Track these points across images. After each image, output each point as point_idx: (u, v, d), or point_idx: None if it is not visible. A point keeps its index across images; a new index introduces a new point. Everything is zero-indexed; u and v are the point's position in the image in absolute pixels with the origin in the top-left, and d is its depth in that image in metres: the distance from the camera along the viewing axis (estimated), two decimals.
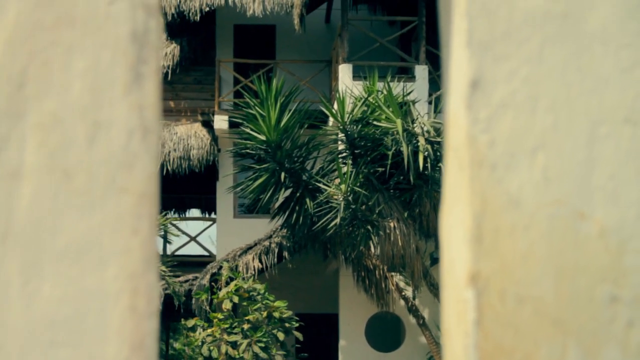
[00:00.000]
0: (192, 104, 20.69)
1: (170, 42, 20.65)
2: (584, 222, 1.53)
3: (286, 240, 17.47)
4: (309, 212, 16.58)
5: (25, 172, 1.37)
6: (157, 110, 1.43)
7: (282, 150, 16.39)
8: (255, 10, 19.28)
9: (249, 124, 16.47)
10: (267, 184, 16.44)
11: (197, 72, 20.87)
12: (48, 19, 1.40)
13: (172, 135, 19.76)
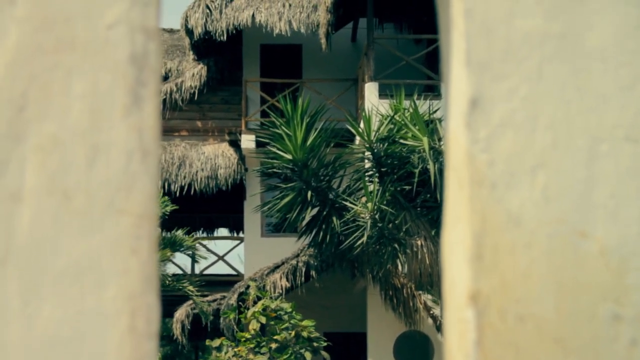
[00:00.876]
0: (220, 124, 20.78)
1: (197, 63, 20.78)
2: (585, 240, 1.52)
3: (313, 259, 17.47)
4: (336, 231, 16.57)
5: (25, 194, 1.39)
6: (156, 132, 1.44)
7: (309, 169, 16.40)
8: (281, 29, 19.37)
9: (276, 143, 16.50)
10: (294, 203, 16.44)
11: (224, 92, 20.97)
12: (48, 43, 1.42)
13: (199, 155, 19.86)
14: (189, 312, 17.96)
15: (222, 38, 19.76)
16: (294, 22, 19.39)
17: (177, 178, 19.41)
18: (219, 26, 19.61)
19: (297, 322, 15.49)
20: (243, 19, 19.60)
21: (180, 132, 20.77)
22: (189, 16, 19.92)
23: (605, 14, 1.56)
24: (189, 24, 19.94)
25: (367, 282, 17.93)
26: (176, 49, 22.65)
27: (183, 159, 19.76)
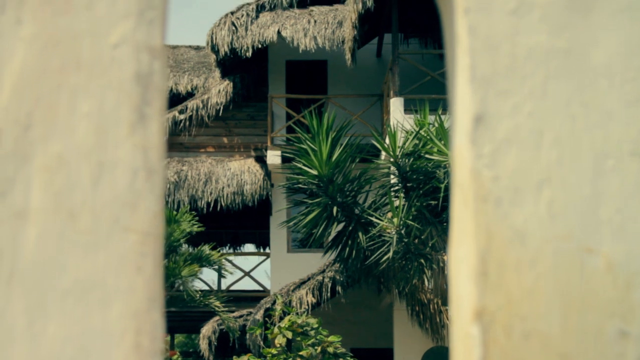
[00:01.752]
0: (245, 140, 20.84)
1: (223, 80, 20.85)
2: (591, 256, 1.52)
3: (339, 275, 17.45)
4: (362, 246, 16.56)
5: (31, 213, 1.40)
6: (161, 151, 1.45)
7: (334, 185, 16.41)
8: (307, 46, 19.41)
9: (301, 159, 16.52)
10: (320, 218, 16.44)
11: (249, 108, 21.04)
12: (54, 64, 1.44)
13: (225, 171, 19.91)
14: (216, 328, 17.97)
15: (248, 54, 19.82)
16: (319, 38, 19.42)
17: (204, 194, 19.45)
18: (245, 43, 19.68)
19: (324, 337, 15.48)
20: (268, 35, 19.66)
21: (207, 148, 20.84)
22: (214, 33, 20.00)
23: (610, 30, 1.56)
24: (215, 41, 20.02)
25: (393, 297, 17.88)
26: (202, 66, 22.76)
27: (209, 175, 19.81)
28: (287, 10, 20.19)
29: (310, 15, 20.06)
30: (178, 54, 23.65)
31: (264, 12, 20.29)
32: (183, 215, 16.18)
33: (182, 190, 19.55)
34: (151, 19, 1.46)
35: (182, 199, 19.38)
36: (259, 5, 20.31)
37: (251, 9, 20.23)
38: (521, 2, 1.55)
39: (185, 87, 22.26)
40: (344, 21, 19.68)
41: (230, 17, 20.30)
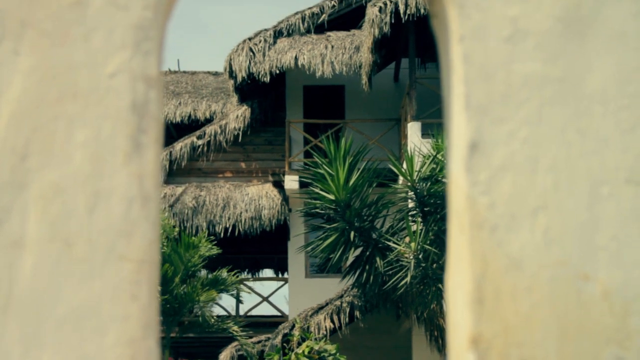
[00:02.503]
0: (263, 165, 20.88)
1: (241, 105, 20.93)
2: (587, 283, 1.52)
3: (357, 300, 17.40)
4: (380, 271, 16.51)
5: (27, 242, 1.41)
6: (156, 179, 1.47)
7: (352, 209, 16.39)
8: (324, 71, 19.46)
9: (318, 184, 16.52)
10: (337, 243, 16.42)
11: (267, 133, 21.09)
12: (51, 94, 1.45)
13: (243, 196, 19.94)
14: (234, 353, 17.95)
15: (266, 80, 19.89)
16: (336, 63, 19.47)
17: (222, 219, 19.48)
18: (262, 68, 19.76)
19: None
20: (286, 61, 19.73)
21: (225, 173, 20.88)
22: (232, 59, 20.09)
23: (605, 58, 1.56)
24: (233, 67, 20.10)
25: (412, 322, 17.81)
26: (220, 92, 22.84)
27: (227, 200, 19.85)
28: (305, 36, 20.27)
29: (328, 40, 20.13)
30: (196, 79, 23.76)
31: (281, 38, 20.38)
32: (201, 240, 16.19)
33: (200, 215, 19.59)
34: (147, 50, 1.48)
35: (200, 224, 19.41)
36: (276, 31, 20.39)
37: (269, 35, 20.31)
38: (516, 30, 1.56)
39: (204, 112, 22.35)
40: (361, 46, 19.73)
41: (248, 43, 20.39)
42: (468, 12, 1.55)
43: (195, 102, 22.51)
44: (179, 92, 22.94)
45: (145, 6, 1.48)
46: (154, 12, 1.49)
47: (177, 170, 20.48)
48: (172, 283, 15.45)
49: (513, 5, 1.56)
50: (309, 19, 20.21)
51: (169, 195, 19.64)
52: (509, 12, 1.56)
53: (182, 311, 16.09)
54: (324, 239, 16.39)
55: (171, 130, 22.82)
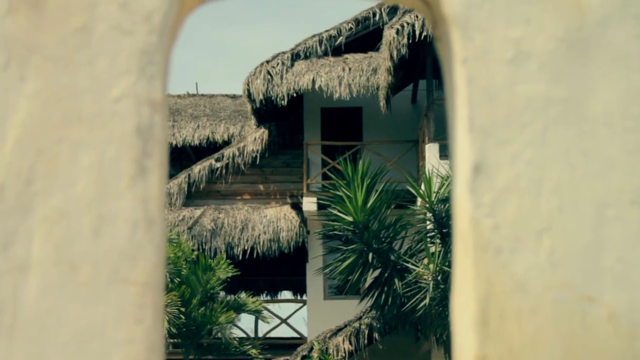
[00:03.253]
0: (281, 187, 20.92)
1: (259, 127, 20.99)
2: (593, 305, 1.51)
3: (376, 322, 17.35)
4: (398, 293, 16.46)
5: (32, 265, 1.42)
6: (161, 202, 1.47)
7: (370, 231, 16.36)
8: (341, 93, 19.50)
9: (336, 206, 16.50)
10: (355, 265, 16.38)
11: (285, 156, 21.14)
12: (56, 118, 1.46)
13: (262, 218, 19.96)
14: None
15: (283, 103, 19.95)
16: (353, 85, 19.51)
17: (240, 241, 19.49)
18: (280, 91, 19.81)
19: None
20: (303, 83, 19.78)
21: (243, 195, 20.92)
22: (250, 82, 20.16)
23: (609, 79, 1.56)
24: (250, 90, 20.17)
25: (431, 344, 17.73)
26: (238, 114, 22.91)
27: (245, 222, 19.87)
28: (322, 59, 20.31)
29: (345, 63, 20.16)
30: (215, 102, 23.85)
31: (299, 61, 20.43)
32: (219, 263, 16.21)
33: (218, 237, 19.60)
34: (152, 74, 1.49)
35: (219, 246, 19.43)
36: (294, 54, 20.45)
37: (286, 58, 20.37)
38: (519, 52, 1.56)
39: (222, 135, 22.42)
40: (378, 68, 19.76)
41: (265, 66, 20.45)
42: (471, 35, 1.56)
43: (214, 124, 22.58)
44: (198, 115, 23.03)
45: (149, 31, 1.50)
46: (159, 37, 1.50)
47: (195, 193, 20.53)
48: (190, 305, 15.46)
49: (516, 27, 1.57)
50: (326, 41, 20.26)
51: (188, 218, 19.68)
52: (512, 34, 1.56)
53: (200, 333, 16.09)
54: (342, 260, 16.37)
55: (190, 153, 22.90)
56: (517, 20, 1.57)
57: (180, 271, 15.65)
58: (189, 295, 15.49)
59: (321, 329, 18.75)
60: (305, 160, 20.55)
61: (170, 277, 15.45)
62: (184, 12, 1.56)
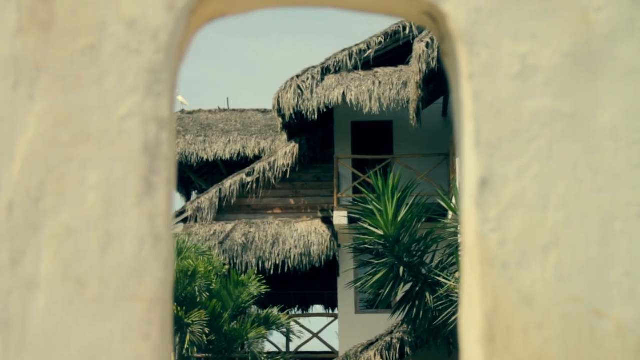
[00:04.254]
0: (312, 201, 20.94)
1: (289, 142, 21.04)
2: (600, 320, 1.51)
3: (408, 336, 17.30)
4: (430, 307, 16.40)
5: (40, 282, 1.44)
6: (168, 218, 1.49)
7: (400, 245, 16.33)
8: (371, 107, 19.51)
9: (367, 219, 16.48)
10: (386, 279, 16.34)
11: (316, 170, 21.17)
12: (64, 137, 1.48)
13: (292, 232, 19.98)
14: None
15: (314, 117, 19.98)
16: (383, 99, 19.51)
17: (271, 256, 19.52)
18: (310, 105, 19.85)
19: None
20: (333, 97, 19.81)
21: (274, 210, 20.96)
22: (281, 97, 20.22)
23: (616, 94, 1.56)
24: (281, 104, 20.22)
25: None
26: (269, 129, 23.00)
27: (276, 236, 19.90)
28: (352, 73, 20.34)
29: (375, 76, 20.18)
30: (245, 117, 23.94)
31: (329, 75, 20.46)
32: (250, 277, 16.23)
33: (249, 252, 19.64)
34: (159, 92, 1.51)
35: (250, 260, 19.46)
36: (324, 68, 20.49)
37: (316, 72, 20.42)
38: (525, 66, 1.56)
39: (253, 150, 22.50)
40: (408, 82, 19.75)
41: (296, 80, 20.51)
42: (477, 50, 1.56)
43: (245, 139, 22.66)
44: (229, 130, 23.13)
45: (156, 50, 1.51)
46: (166, 55, 1.52)
47: (226, 207, 20.59)
48: (221, 320, 15.49)
49: (522, 42, 1.57)
50: (356, 55, 20.28)
51: (219, 232, 19.74)
52: (519, 49, 1.57)
53: (232, 347, 16.11)
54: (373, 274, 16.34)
55: (221, 168, 22.99)
56: (523, 35, 1.57)
57: (211, 285, 15.70)
58: (220, 309, 15.52)
59: (353, 343, 18.72)
60: (336, 174, 20.56)
61: (200, 292, 15.50)
62: (191, 31, 1.57)
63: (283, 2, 1.57)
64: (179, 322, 14.77)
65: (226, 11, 1.58)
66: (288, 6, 1.58)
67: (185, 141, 22.67)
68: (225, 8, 1.58)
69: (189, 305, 15.20)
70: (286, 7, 1.58)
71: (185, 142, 22.66)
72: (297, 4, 1.60)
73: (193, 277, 15.30)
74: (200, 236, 19.35)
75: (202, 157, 22.41)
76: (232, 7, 1.58)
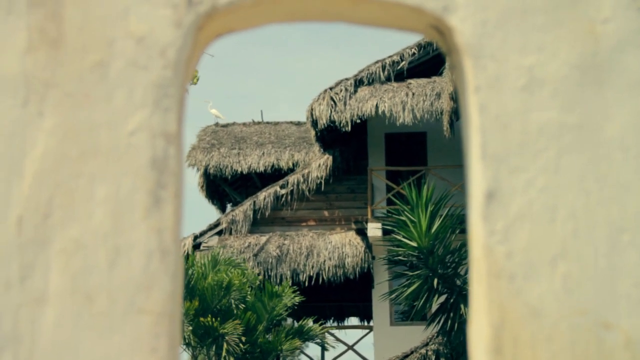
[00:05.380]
0: (346, 213, 20.93)
1: (323, 154, 21.06)
2: (609, 332, 1.50)
3: (443, 348, 17.23)
4: (465, 318, 16.29)
5: (49, 297, 1.45)
6: (176, 232, 1.50)
7: (435, 256, 16.27)
8: (405, 118, 19.48)
9: (401, 231, 16.44)
10: (421, 291, 16.28)
11: (350, 182, 21.16)
12: (73, 152, 1.50)
13: (327, 244, 19.98)
14: None
15: (347, 128, 19.98)
16: (417, 110, 19.48)
17: (305, 268, 19.53)
18: (344, 117, 19.85)
19: None
20: (367, 109, 19.81)
21: (308, 222, 20.98)
22: (314, 109, 20.24)
23: (624, 105, 1.56)
24: (314, 116, 20.24)
25: None
26: (303, 141, 23.03)
27: (311, 248, 19.90)
28: (385, 84, 20.33)
29: (408, 88, 20.16)
30: (279, 130, 24.01)
31: (362, 87, 20.47)
32: (285, 289, 16.25)
33: (284, 264, 19.66)
34: (167, 107, 1.52)
35: (284, 272, 19.48)
36: (357, 80, 20.50)
37: (349, 84, 20.43)
38: (532, 79, 1.56)
39: (287, 162, 22.54)
40: (442, 93, 19.72)
41: (329, 92, 20.53)
42: (483, 63, 1.57)
43: (279, 152, 22.72)
44: (263, 142, 23.19)
45: (164, 65, 1.53)
46: (174, 71, 1.54)
47: (261, 220, 20.63)
48: (255, 332, 15.52)
49: (529, 54, 1.57)
50: (389, 67, 20.28)
51: (253, 245, 19.78)
52: (525, 61, 1.57)
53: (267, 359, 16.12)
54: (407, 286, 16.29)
55: (255, 180, 23.05)
56: (530, 47, 1.57)
57: (246, 298, 15.74)
58: (254, 321, 15.54)
59: (388, 355, 18.68)
60: (370, 185, 20.54)
61: (235, 304, 15.54)
62: (199, 47, 1.59)
63: (290, 17, 1.58)
64: (213, 333, 14.82)
65: (233, 27, 1.60)
66: (295, 21, 1.59)
67: (220, 154, 22.77)
68: (232, 24, 1.59)
69: (224, 317, 15.24)
70: (293, 23, 1.59)
71: (220, 155, 22.75)
72: (304, 19, 1.61)
73: (228, 289, 15.35)
74: (234, 248, 19.41)
75: (237, 169, 22.48)
76: (239, 23, 1.59)
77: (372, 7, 1.61)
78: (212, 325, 14.69)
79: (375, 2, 1.59)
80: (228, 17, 1.58)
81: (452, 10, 1.58)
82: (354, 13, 1.63)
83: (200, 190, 23.76)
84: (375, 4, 1.60)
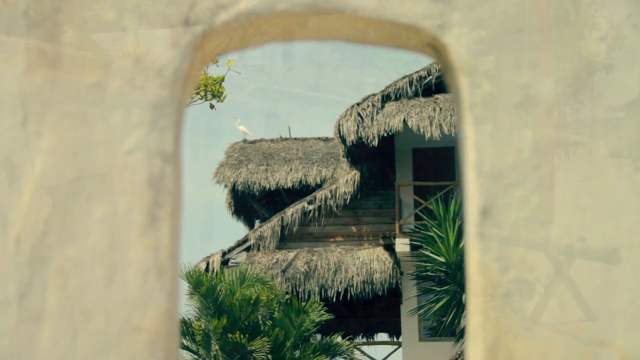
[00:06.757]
0: (374, 228, 20.90)
1: (350, 169, 21.05)
2: (604, 348, 1.50)
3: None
4: None
5: (47, 315, 1.47)
6: (173, 250, 1.52)
7: (463, 272, 16.13)
8: (432, 133, 19.45)
9: (428, 247, 16.38)
10: (449, 306, 16.20)
11: (377, 197, 21.13)
12: (71, 171, 1.52)
13: (355, 260, 19.95)
14: None
15: (374, 144, 19.96)
16: (444, 125, 19.44)
17: (333, 283, 19.50)
18: (371, 132, 19.85)
19: None
20: (394, 124, 19.79)
21: (336, 237, 20.96)
22: (341, 124, 20.25)
23: (618, 122, 1.56)
24: (342, 132, 20.25)
25: None
26: (330, 157, 23.04)
27: (339, 264, 19.88)
28: (412, 99, 20.30)
29: (436, 103, 20.12)
30: (307, 146, 24.04)
31: (389, 102, 20.46)
32: (312, 305, 16.23)
33: (312, 280, 19.65)
34: (163, 127, 1.54)
35: (313, 288, 19.46)
36: (384, 95, 20.49)
37: (377, 100, 20.43)
38: (526, 97, 1.57)
39: (314, 178, 22.56)
40: None
41: (356, 108, 20.53)
42: (478, 81, 1.57)
43: (306, 167, 22.74)
44: (290, 158, 23.23)
45: (161, 85, 1.55)
46: (170, 91, 1.55)
47: (289, 236, 20.64)
48: (284, 348, 15.51)
49: (523, 72, 1.58)
50: (416, 82, 20.25)
51: (281, 261, 19.79)
52: (519, 79, 1.57)
53: None
54: (435, 301, 16.21)
55: (283, 196, 23.09)
56: (524, 65, 1.58)
57: (274, 314, 15.74)
58: (282, 338, 15.53)
59: None
60: (397, 201, 20.50)
61: (263, 320, 15.54)
62: (196, 67, 1.61)
63: (286, 37, 1.59)
64: (242, 350, 14.83)
65: (230, 47, 1.62)
66: (291, 41, 1.60)
67: (248, 170, 22.82)
68: (228, 44, 1.61)
69: (252, 333, 15.25)
70: (289, 42, 1.60)
71: (248, 171, 22.81)
72: (301, 39, 1.63)
73: (256, 305, 15.35)
74: (262, 265, 19.42)
75: (264, 186, 22.52)
76: (236, 43, 1.61)
77: (369, 26, 1.62)
78: (240, 341, 14.70)
79: (371, 21, 1.61)
80: (224, 37, 1.59)
81: (447, 28, 1.59)
82: (350, 32, 1.64)
83: (228, 207, 23.81)
84: (371, 23, 1.61)
